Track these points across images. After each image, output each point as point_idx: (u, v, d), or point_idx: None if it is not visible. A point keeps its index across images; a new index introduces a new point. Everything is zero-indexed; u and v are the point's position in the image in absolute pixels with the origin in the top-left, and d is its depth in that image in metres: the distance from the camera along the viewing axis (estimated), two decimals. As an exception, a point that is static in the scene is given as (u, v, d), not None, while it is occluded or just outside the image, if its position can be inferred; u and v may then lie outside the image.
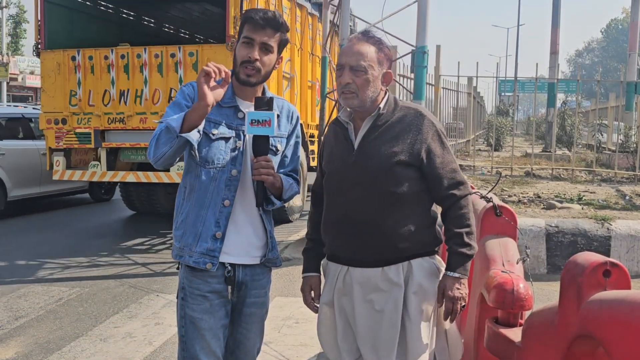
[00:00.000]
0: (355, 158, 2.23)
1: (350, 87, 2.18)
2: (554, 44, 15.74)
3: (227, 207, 2.24)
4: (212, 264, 2.23)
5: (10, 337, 4.41)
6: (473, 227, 2.24)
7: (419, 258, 2.25)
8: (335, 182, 2.29)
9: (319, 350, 4.10)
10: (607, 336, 1.70)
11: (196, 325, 2.25)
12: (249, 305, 2.35)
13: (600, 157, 11.53)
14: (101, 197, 11.18)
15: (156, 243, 7.65)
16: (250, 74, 2.22)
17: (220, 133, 2.23)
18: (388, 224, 2.20)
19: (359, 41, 2.23)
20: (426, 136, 2.21)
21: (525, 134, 29.97)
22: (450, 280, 2.21)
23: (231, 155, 2.25)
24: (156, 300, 5.25)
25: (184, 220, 2.28)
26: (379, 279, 2.22)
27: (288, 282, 5.71)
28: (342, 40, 6.93)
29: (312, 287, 2.45)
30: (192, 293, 2.26)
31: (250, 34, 2.21)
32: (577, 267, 1.91)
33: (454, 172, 2.25)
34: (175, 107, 2.25)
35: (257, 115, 2.15)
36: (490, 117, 19.00)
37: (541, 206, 6.89)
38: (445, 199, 2.24)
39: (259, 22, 2.19)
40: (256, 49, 2.20)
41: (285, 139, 2.39)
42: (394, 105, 2.28)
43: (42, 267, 6.43)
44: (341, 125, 2.32)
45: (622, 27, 63.70)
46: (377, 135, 2.23)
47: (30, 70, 33.96)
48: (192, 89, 2.28)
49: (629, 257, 5.91)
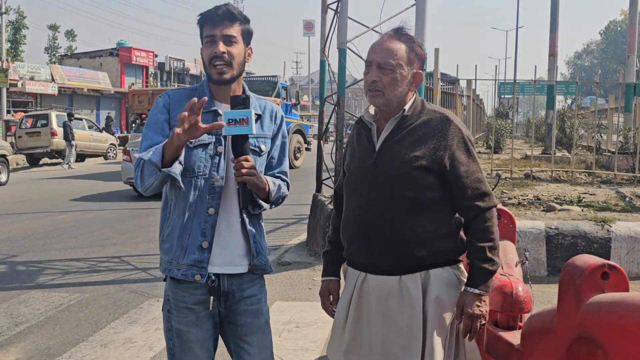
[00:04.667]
0: (375, 160, 2.16)
1: (377, 85, 2.11)
2: (552, 46, 15.73)
3: (212, 216, 2.17)
4: (201, 275, 2.16)
5: (10, 344, 4.41)
6: (497, 242, 2.13)
7: (439, 268, 2.15)
8: (354, 184, 2.23)
9: (320, 354, 4.09)
10: (605, 338, 1.70)
11: (183, 338, 2.20)
12: (242, 315, 2.25)
13: (600, 159, 11.53)
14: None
15: (156, 248, 7.64)
16: (221, 70, 2.16)
17: (198, 140, 2.14)
18: (404, 230, 2.11)
19: (390, 38, 2.15)
20: (451, 142, 2.12)
21: (525, 136, 29.98)
22: (470, 297, 2.09)
23: (212, 162, 2.18)
24: (157, 305, 5.24)
25: (170, 233, 2.22)
26: (395, 288, 2.13)
27: (288, 286, 5.71)
28: (341, 44, 6.94)
29: (331, 292, 2.39)
30: (177, 306, 2.21)
31: (209, 32, 2.16)
32: (575, 270, 1.92)
33: (479, 182, 2.15)
34: (154, 127, 2.19)
35: (234, 115, 2.07)
36: (490, 120, 19.00)
37: (541, 208, 6.88)
38: (468, 209, 2.14)
39: (214, 18, 2.16)
40: (219, 43, 2.15)
41: (270, 140, 2.32)
42: (421, 107, 2.19)
43: (42, 273, 6.43)
44: (364, 125, 2.25)
45: (621, 28, 63.74)
46: (399, 138, 2.14)
47: (30, 76, 34.00)
48: (168, 98, 2.23)
49: (629, 258, 5.91)
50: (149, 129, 2.20)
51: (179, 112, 2.06)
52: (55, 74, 36.59)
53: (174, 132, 2.01)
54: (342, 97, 6.99)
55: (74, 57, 45.03)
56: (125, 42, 45.32)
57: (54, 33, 50.17)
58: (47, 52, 49.91)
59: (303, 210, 8.90)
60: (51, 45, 50.10)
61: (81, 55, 45.29)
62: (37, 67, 36.21)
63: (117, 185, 13.95)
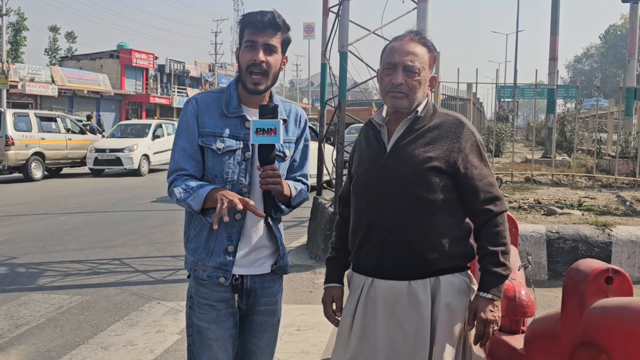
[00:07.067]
0: (386, 160, 2.13)
1: (402, 88, 2.09)
2: (553, 50, 15.76)
3: (238, 221, 2.20)
4: (225, 278, 2.21)
5: (11, 346, 4.40)
6: (509, 247, 2.11)
7: (449, 274, 2.11)
8: (363, 186, 2.19)
9: (320, 358, 4.09)
10: (609, 343, 1.70)
11: (203, 335, 2.23)
12: (260, 314, 2.32)
13: (601, 163, 11.53)
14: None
15: (157, 250, 7.64)
16: (257, 80, 2.17)
17: (226, 147, 2.19)
18: (416, 233, 2.08)
19: (412, 41, 2.13)
20: (464, 145, 2.11)
21: (525, 140, 29.99)
22: (483, 302, 2.06)
23: (240, 168, 2.21)
24: (157, 307, 5.24)
25: (197, 235, 2.25)
26: (404, 293, 2.09)
27: (289, 289, 5.70)
28: (342, 47, 6.95)
29: (334, 299, 2.34)
30: (199, 302, 2.25)
31: (251, 37, 2.17)
32: (579, 274, 1.91)
33: (491, 186, 2.13)
34: (185, 135, 2.22)
35: (262, 124, 2.08)
36: (490, 123, 19.01)
37: (542, 212, 6.89)
38: (480, 213, 2.12)
39: (258, 25, 2.16)
40: (260, 50, 2.16)
41: (294, 144, 2.35)
42: (433, 110, 2.18)
43: (42, 275, 6.42)
44: (374, 127, 2.22)
45: (621, 33, 63.86)
46: (412, 139, 2.12)
47: (30, 77, 34.04)
48: (196, 104, 2.24)
49: (630, 262, 5.90)
50: (180, 137, 2.23)
51: (208, 117, 2.19)
52: (56, 75, 36.64)
53: (225, 198, 2.04)
54: (343, 100, 7.00)
55: (74, 59, 45.11)
56: (126, 44, 45.39)
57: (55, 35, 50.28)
58: (48, 53, 50.02)
59: (303, 213, 8.88)
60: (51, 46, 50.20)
61: (81, 57, 45.36)
62: (38, 68, 36.28)
63: (117, 185, 13.94)
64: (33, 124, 16.98)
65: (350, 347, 2.16)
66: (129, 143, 18.53)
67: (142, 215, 10.44)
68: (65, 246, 7.87)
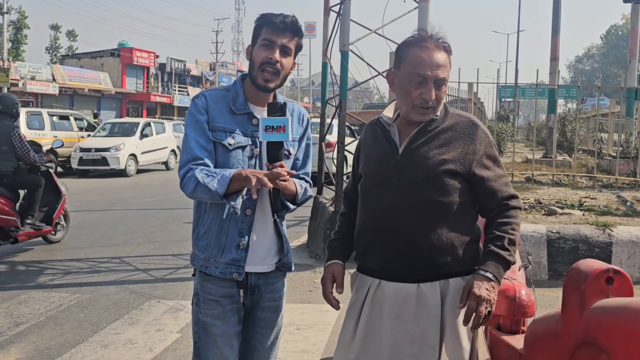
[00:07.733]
0: (399, 162, 2.09)
1: (432, 102, 2.05)
2: (554, 50, 15.77)
3: (249, 216, 2.22)
4: (239, 274, 2.23)
5: (10, 344, 4.40)
6: (517, 239, 2.05)
7: (459, 278, 2.07)
8: (372, 187, 2.15)
9: (320, 357, 4.09)
10: (610, 343, 1.70)
11: (208, 331, 2.26)
12: (264, 310, 2.35)
13: (601, 163, 11.53)
14: None
15: (157, 249, 7.64)
16: (268, 77, 2.20)
17: (237, 142, 2.22)
18: (427, 235, 2.04)
19: (438, 49, 2.06)
20: (479, 147, 2.09)
21: (526, 140, 29.99)
22: (480, 278, 1.97)
23: (249, 164, 2.23)
24: (157, 306, 5.24)
25: (207, 232, 2.26)
26: (412, 296, 2.04)
27: (289, 288, 5.67)
28: (343, 46, 6.94)
29: (335, 275, 2.23)
30: (205, 298, 2.28)
31: (270, 36, 2.19)
32: (579, 274, 1.91)
33: (507, 185, 2.12)
34: (196, 127, 2.21)
35: (272, 122, 2.10)
36: (491, 123, 19.00)
37: (542, 212, 6.88)
38: (495, 209, 2.08)
39: (279, 25, 2.19)
40: (277, 50, 2.19)
41: (297, 142, 2.38)
42: (445, 111, 2.14)
43: (42, 273, 6.42)
44: (382, 126, 2.18)
45: (622, 33, 63.85)
46: (425, 140, 2.08)
47: (31, 75, 34.05)
48: (205, 99, 2.25)
49: (630, 263, 5.90)
50: (191, 129, 2.23)
51: (217, 112, 2.22)
52: (57, 74, 36.65)
53: (255, 176, 2.05)
54: (344, 99, 7.00)
55: (75, 57, 45.13)
56: (127, 42, 45.44)
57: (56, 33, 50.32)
58: (49, 52, 50.06)
59: (303, 212, 8.88)
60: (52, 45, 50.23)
61: (82, 55, 45.39)
62: (38, 67, 36.29)
63: (117, 186, 13.95)
64: (46, 122, 17.16)
65: (354, 348, 2.13)
66: (115, 142, 17.56)
67: (143, 214, 10.44)
68: (65, 244, 7.87)
